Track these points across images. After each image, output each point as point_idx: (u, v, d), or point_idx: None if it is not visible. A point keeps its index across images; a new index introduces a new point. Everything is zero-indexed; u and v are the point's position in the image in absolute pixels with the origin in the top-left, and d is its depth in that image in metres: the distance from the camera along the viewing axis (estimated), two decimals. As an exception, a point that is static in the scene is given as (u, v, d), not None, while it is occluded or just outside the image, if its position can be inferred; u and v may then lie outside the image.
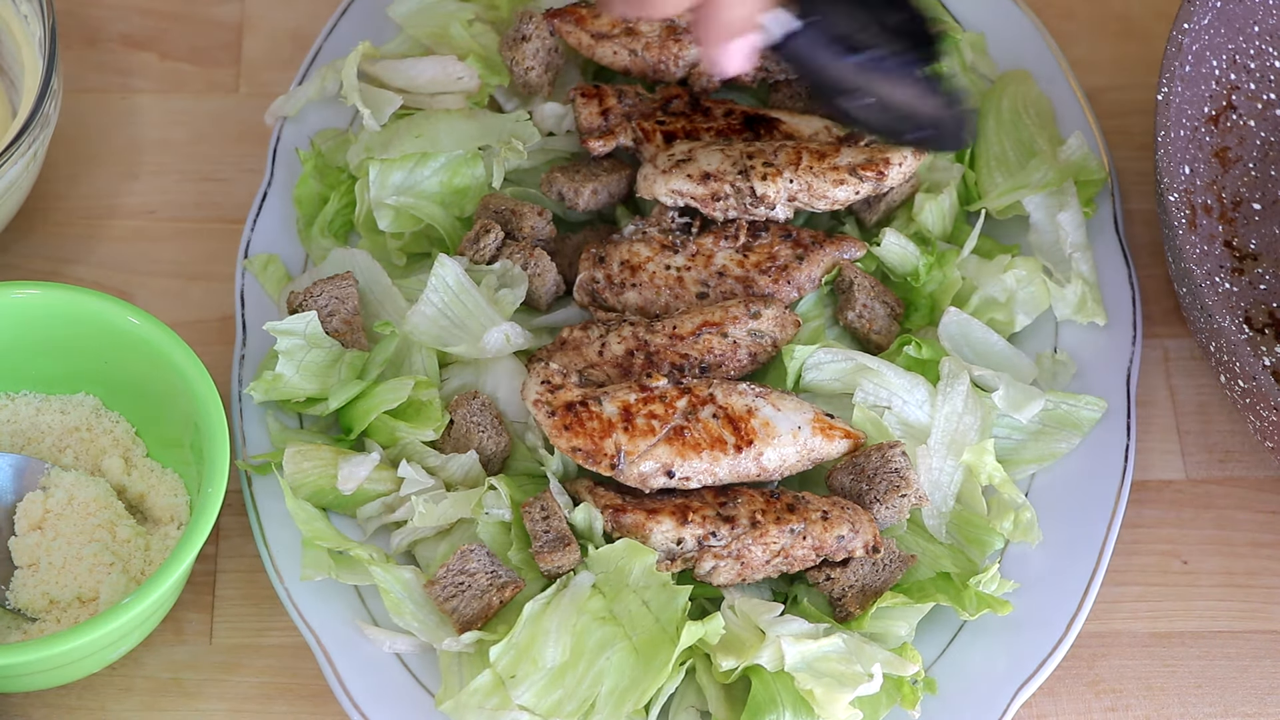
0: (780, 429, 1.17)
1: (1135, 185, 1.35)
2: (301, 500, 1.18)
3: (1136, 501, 1.25)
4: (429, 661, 1.15)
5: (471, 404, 1.19)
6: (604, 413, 1.16)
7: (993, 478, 1.20)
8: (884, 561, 1.16)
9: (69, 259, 1.32)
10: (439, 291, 1.21)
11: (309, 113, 1.34)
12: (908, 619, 1.15)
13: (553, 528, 1.14)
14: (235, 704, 1.17)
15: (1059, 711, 1.18)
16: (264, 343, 1.24)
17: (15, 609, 1.16)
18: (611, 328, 1.21)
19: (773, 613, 1.13)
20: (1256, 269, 1.29)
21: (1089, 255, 1.28)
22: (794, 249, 1.24)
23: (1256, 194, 1.32)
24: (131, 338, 1.18)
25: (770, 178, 1.23)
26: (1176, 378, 1.30)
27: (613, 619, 1.12)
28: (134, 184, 1.35)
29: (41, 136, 1.24)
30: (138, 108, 1.38)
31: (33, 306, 1.19)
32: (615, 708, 1.10)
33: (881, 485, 1.17)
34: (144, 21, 1.42)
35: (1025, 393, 1.22)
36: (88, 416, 1.22)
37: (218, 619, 1.20)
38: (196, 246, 1.33)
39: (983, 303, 1.26)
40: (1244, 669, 1.20)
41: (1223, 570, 1.23)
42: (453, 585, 1.14)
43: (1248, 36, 1.33)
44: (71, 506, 1.17)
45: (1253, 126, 1.34)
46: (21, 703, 1.17)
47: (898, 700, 1.13)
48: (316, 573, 1.16)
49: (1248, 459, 1.27)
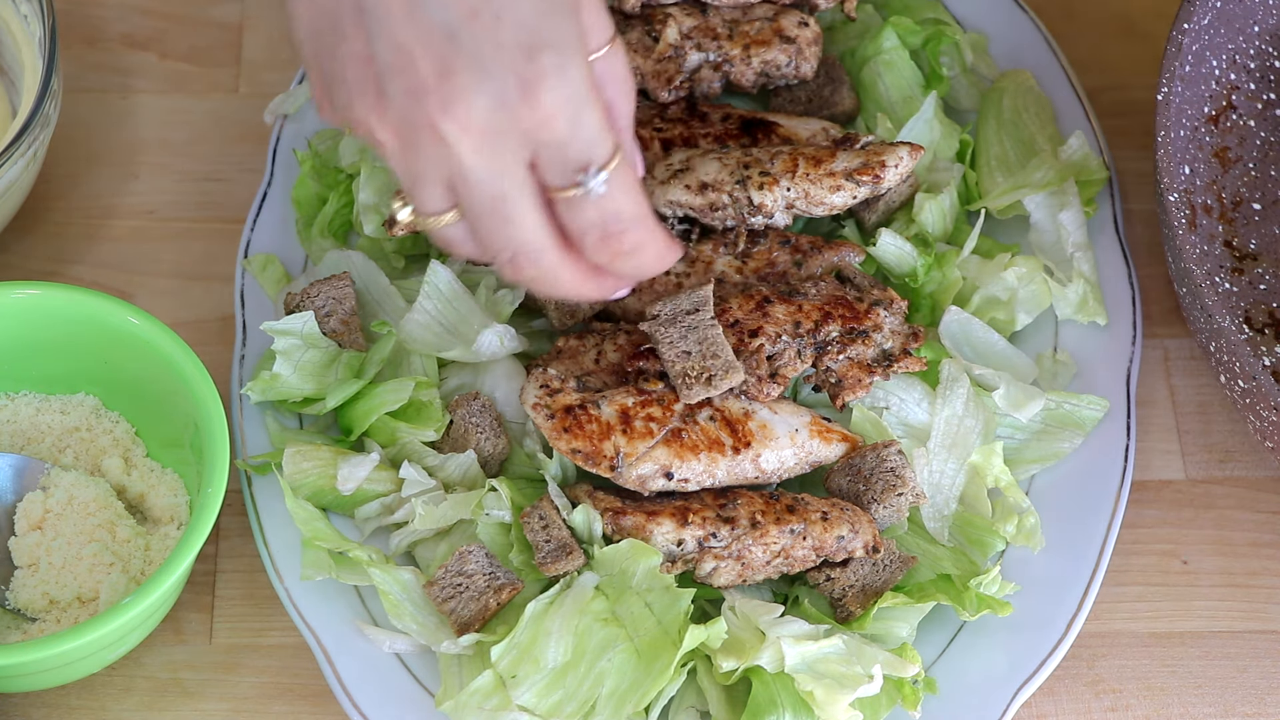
0: (778, 431, 1.17)
1: (1135, 185, 1.35)
2: (301, 500, 1.18)
3: (1136, 501, 1.25)
4: (429, 662, 1.15)
5: (471, 405, 1.19)
6: (602, 415, 1.16)
7: (999, 480, 1.20)
8: (884, 562, 1.16)
9: (69, 259, 1.32)
10: (432, 299, 1.22)
11: (308, 113, 1.34)
12: (908, 619, 1.15)
13: (553, 536, 1.14)
14: (235, 704, 1.17)
15: (1059, 711, 1.18)
16: (264, 343, 1.24)
17: (15, 609, 1.16)
18: (607, 337, 1.21)
19: (773, 614, 1.13)
20: (1256, 269, 1.29)
21: (1090, 255, 1.28)
22: (792, 255, 1.24)
23: (1256, 194, 1.32)
24: (131, 338, 1.18)
25: (767, 187, 1.23)
26: (1176, 378, 1.30)
27: (615, 620, 1.12)
28: (134, 184, 1.35)
29: (41, 136, 1.24)
30: (138, 108, 1.38)
31: (33, 306, 1.19)
32: (616, 709, 1.10)
33: (878, 485, 1.17)
34: (144, 21, 1.42)
35: (1026, 392, 1.22)
36: (88, 416, 1.22)
37: (218, 619, 1.20)
38: (196, 246, 1.33)
39: (984, 302, 1.26)
40: (1244, 669, 1.20)
41: (1223, 570, 1.23)
42: (451, 586, 1.14)
43: (1248, 36, 1.33)
44: (71, 506, 1.17)
45: (1253, 126, 1.34)
46: (21, 703, 1.17)
47: (898, 701, 1.13)
48: (316, 573, 1.16)
49: (1248, 459, 1.27)
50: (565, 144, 1.01)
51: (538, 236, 1.04)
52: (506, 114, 1.00)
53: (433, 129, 1.00)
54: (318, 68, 1.04)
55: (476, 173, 1.01)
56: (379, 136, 1.02)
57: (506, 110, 1.00)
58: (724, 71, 1.30)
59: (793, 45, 1.30)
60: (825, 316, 1.20)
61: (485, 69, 0.99)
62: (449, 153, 1.01)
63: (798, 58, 1.30)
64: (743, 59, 1.29)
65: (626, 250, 1.06)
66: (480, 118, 0.99)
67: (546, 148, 1.01)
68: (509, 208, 1.03)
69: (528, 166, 1.02)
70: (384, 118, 1.02)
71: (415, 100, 1.00)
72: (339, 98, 1.03)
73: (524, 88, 0.99)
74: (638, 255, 1.06)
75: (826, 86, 1.32)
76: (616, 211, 1.04)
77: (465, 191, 1.02)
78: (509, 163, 1.01)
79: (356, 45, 1.01)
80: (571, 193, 1.03)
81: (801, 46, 1.30)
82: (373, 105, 1.02)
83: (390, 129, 1.02)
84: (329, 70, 1.03)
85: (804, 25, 1.30)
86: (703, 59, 1.29)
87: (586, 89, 1.01)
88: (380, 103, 1.01)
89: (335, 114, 1.05)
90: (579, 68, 1.00)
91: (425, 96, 1.00)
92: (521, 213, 1.03)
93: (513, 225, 1.03)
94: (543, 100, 0.99)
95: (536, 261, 1.05)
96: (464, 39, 0.99)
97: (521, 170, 1.02)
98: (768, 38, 1.30)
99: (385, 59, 1.00)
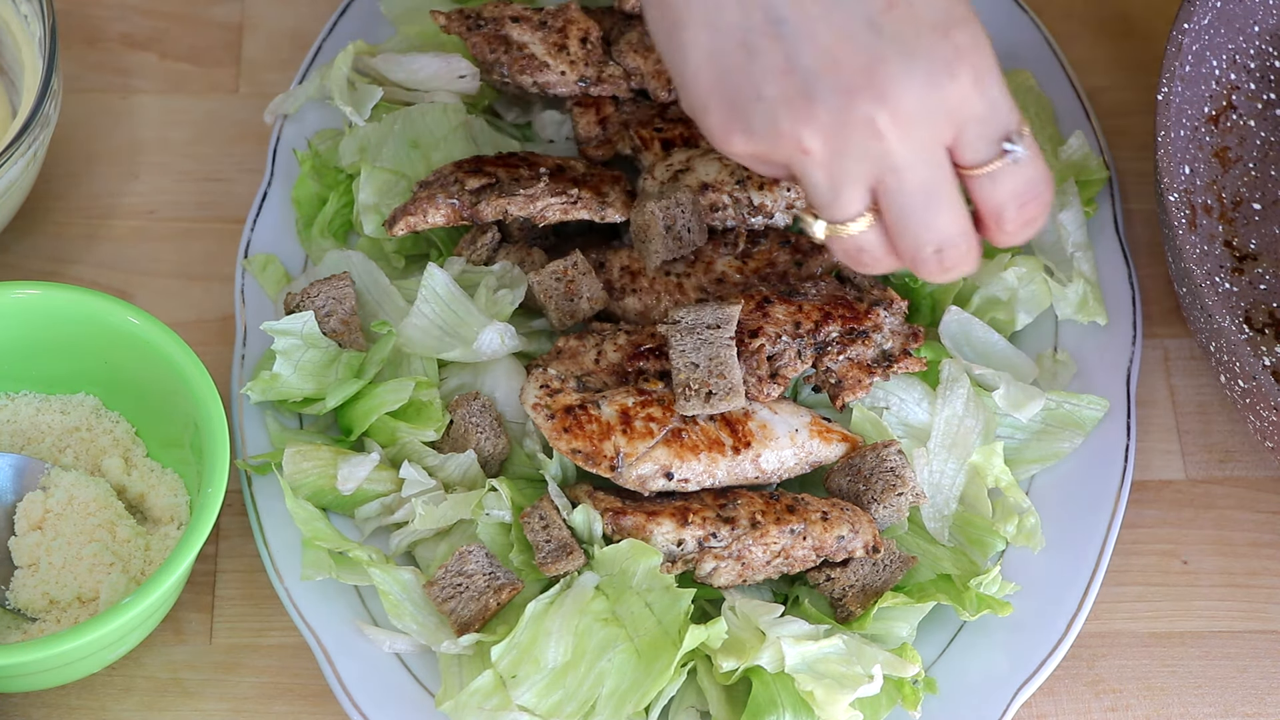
0: (777, 431, 1.17)
1: (1135, 185, 1.35)
2: (301, 500, 1.18)
3: (1136, 501, 1.25)
4: (429, 662, 1.15)
5: (471, 405, 1.19)
6: (602, 416, 1.16)
7: (999, 480, 1.20)
8: (884, 562, 1.16)
9: (69, 259, 1.32)
10: (430, 302, 1.21)
11: (308, 113, 1.34)
12: (908, 619, 1.15)
13: (553, 537, 1.14)
14: (235, 704, 1.17)
15: (1059, 711, 1.18)
16: (264, 343, 1.24)
17: (15, 609, 1.16)
18: (607, 337, 1.21)
19: (773, 614, 1.13)
20: (1256, 269, 1.29)
21: (1090, 255, 1.28)
22: (792, 255, 1.24)
23: (1256, 194, 1.32)
24: (131, 338, 1.18)
25: (767, 187, 1.23)
26: (1176, 378, 1.30)
27: (615, 620, 1.12)
28: (134, 184, 1.35)
29: (41, 136, 1.24)
30: (138, 108, 1.38)
31: (33, 306, 1.19)
32: (616, 709, 1.10)
33: (878, 485, 1.17)
34: (144, 21, 1.42)
35: (1026, 392, 1.22)
36: (88, 416, 1.22)
37: (218, 619, 1.20)
38: (196, 246, 1.33)
39: (984, 302, 1.26)
40: (1244, 669, 1.20)
41: (1223, 570, 1.23)
42: (451, 586, 1.14)
43: (1248, 36, 1.33)
44: (71, 506, 1.17)
45: (1253, 126, 1.34)
46: (21, 703, 1.17)
47: (898, 701, 1.13)
48: (317, 573, 1.16)
49: (1248, 459, 1.27)
50: (987, 117, 1.02)
51: (964, 223, 1.05)
52: (935, 94, 1.00)
53: (868, 124, 1.00)
54: (723, 95, 1.03)
55: (909, 162, 1.02)
56: (808, 144, 1.01)
57: (935, 90, 1.00)
58: (724, 71, 1.30)
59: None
60: (825, 317, 1.20)
61: (913, 53, 1.00)
62: (882, 147, 1.01)
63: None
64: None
65: (1040, 214, 1.07)
66: (913, 103, 1.00)
67: (971, 123, 1.02)
68: (940, 195, 1.03)
69: (947, 150, 1.03)
70: (814, 124, 1.01)
71: (848, 98, 1.00)
72: (758, 118, 1.02)
73: (949, 66, 1.00)
74: (1042, 216, 1.08)
75: (827, 86, 1.32)
76: (1034, 176, 1.05)
77: (896, 185, 1.02)
78: (936, 149, 1.02)
79: (774, 59, 1.01)
80: (995, 165, 1.04)
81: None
82: (801, 114, 1.01)
83: (821, 134, 1.01)
84: (740, 92, 1.02)
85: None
86: (703, 59, 1.29)
87: (993, 60, 1.02)
88: (809, 109, 1.01)
89: (750, 138, 1.03)
90: (986, 39, 1.02)
91: (858, 92, 1.00)
92: (951, 200, 1.04)
93: (943, 214, 1.04)
94: (964, 76, 1.00)
95: (961, 250, 1.06)
96: (886, 28, 1.00)
97: (945, 155, 1.03)
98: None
99: (809, 64, 1.00)
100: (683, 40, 1.03)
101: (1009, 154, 1.03)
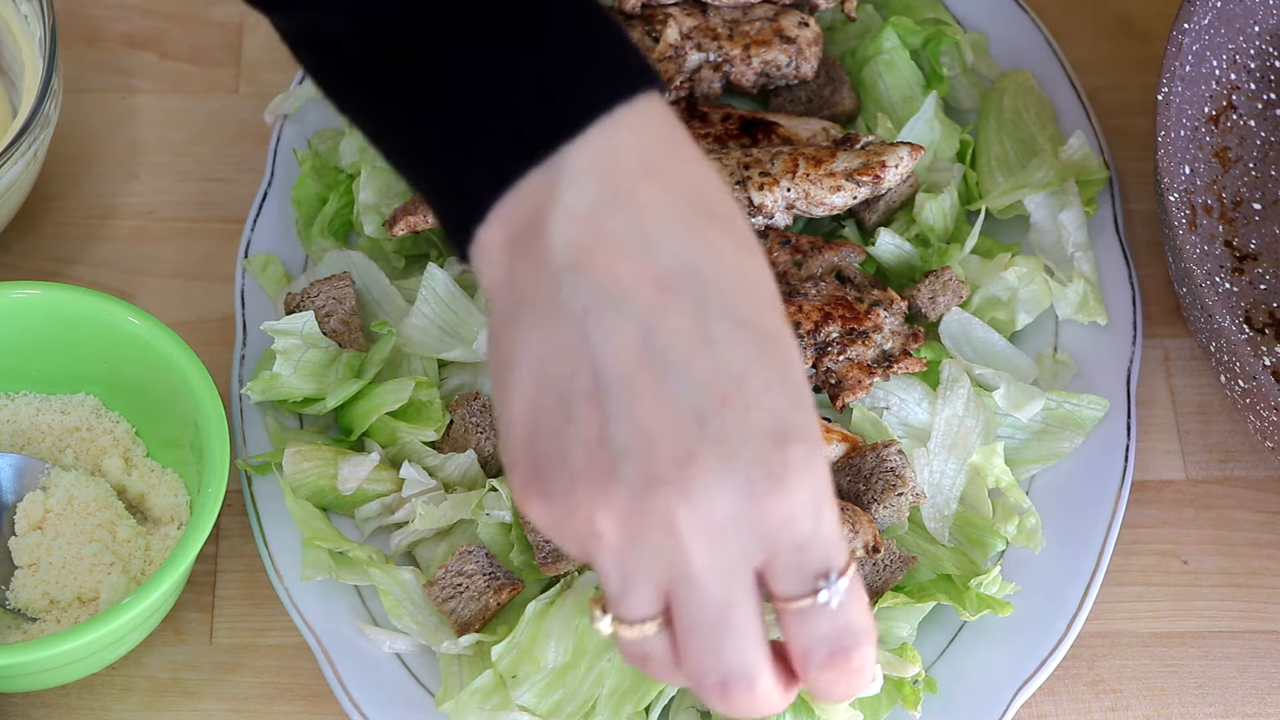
0: (780, 430, 1.17)
1: (1135, 185, 1.35)
2: (301, 500, 1.18)
3: (1136, 501, 1.25)
4: (429, 662, 1.15)
5: (471, 405, 1.19)
6: (604, 414, 1.16)
7: (1000, 480, 1.20)
8: (884, 562, 1.16)
9: (69, 259, 1.32)
10: (429, 302, 1.22)
11: (308, 113, 1.34)
12: (908, 619, 1.15)
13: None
14: (235, 704, 1.17)
15: (1059, 711, 1.18)
16: (264, 343, 1.24)
17: (15, 609, 1.16)
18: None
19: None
20: (1256, 269, 1.29)
21: (1090, 255, 1.28)
22: (792, 255, 1.24)
23: (1256, 194, 1.32)
24: (131, 338, 1.18)
25: (767, 187, 1.23)
26: (1176, 378, 1.30)
27: (614, 620, 1.12)
28: (134, 184, 1.35)
29: (41, 136, 1.24)
30: (138, 108, 1.38)
31: (33, 306, 1.19)
32: (616, 709, 1.10)
33: (878, 485, 1.17)
34: (144, 21, 1.42)
35: (1026, 392, 1.22)
36: (88, 416, 1.22)
37: (218, 619, 1.20)
38: (196, 246, 1.33)
39: (984, 302, 1.26)
40: (1244, 669, 1.20)
41: (1223, 570, 1.23)
42: (451, 586, 1.14)
43: (1248, 36, 1.33)
44: (71, 506, 1.17)
45: (1253, 126, 1.34)
46: (21, 703, 1.17)
47: (898, 701, 1.13)
48: (317, 573, 1.16)
49: (1248, 459, 1.27)
50: (805, 546, 0.90)
51: (758, 658, 0.91)
52: (750, 508, 0.88)
53: (665, 520, 0.88)
54: (530, 451, 0.91)
55: (706, 575, 0.89)
56: (599, 527, 0.89)
57: (751, 504, 0.88)
58: (724, 71, 1.30)
59: (793, 45, 1.30)
60: (825, 317, 1.20)
61: (733, 456, 0.88)
62: (678, 549, 0.88)
63: (798, 58, 1.30)
64: (743, 59, 1.29)
65: (854, 668, 0.92)
66: (721, 510, 0.88)
67: (785, 550, 0.90)
68: (734, 619, 0.90)
69: (755, 573, 0.91)
70: (610, 506, 0.89)
71: (650, 487, 0.88)
72: (555, 485, 0.90)
73: (772, 480, 0.88)
74: (861, 675, 0.93)
75: (827, 86, 1.32)
76: (849, 625, 0.92)
77: (687, 597, 0.90)
78: (740, 568, 0.89)
79: (589, 427, 0.89)
80: (805, 603, 0.91)
81: (802, 46, 1.30)
82: (599, 492, 0.89)
83: (615, 520, 0.89)
84: (546, 453, 0.90)
85: (804, 25, 1.30)
86: (703, 59, 1.29)
87: (829, 487, 0.90)
88: (609, 489, 0.88)
89: (546, 504, 0.90)
90: (823, 464, 0.90)
91: (662, 484, 0.88)
92: (747, 626, 0.91)
93: (734, 641, 0.90)
94: (790, 496, 0.89)
95: (751, 687, 0.92)
96: (713, 424, 0.88)
97: (751, 577, 0.90)
98: (768, 38, 1.30)
99: (622, 440, 0.88)
100: (509, 384, 0.92)
101: (821, 593, 0.90)
